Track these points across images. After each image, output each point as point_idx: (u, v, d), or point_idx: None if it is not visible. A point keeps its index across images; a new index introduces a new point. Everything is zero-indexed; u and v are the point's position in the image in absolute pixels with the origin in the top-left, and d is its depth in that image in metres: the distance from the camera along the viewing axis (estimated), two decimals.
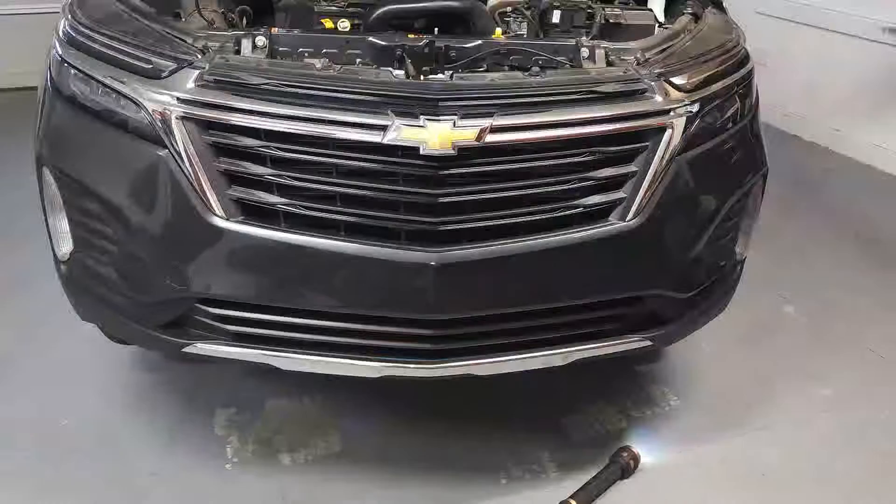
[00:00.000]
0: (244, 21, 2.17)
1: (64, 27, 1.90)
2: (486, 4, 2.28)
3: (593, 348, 1.91)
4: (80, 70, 1.80)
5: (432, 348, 1.80)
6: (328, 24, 2.20)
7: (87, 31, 1.83)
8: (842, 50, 4.63)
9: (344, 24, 2.19)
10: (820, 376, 2.62)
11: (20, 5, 4.99)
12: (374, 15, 2.13)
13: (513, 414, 2.38)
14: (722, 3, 2.37)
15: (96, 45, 1.80)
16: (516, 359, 1.86)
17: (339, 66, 1.74)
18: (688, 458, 2.24)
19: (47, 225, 1.97)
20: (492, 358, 1.85)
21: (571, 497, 2.02)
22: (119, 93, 1.73)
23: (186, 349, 1.85)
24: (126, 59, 1.74)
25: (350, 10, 2.28)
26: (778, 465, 2.23)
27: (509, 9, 2.27)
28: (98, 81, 1.76)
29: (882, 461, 2.26)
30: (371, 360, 1.82)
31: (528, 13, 2.26)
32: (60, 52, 1.87)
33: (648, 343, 1.97)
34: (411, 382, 1.90)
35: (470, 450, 2.22)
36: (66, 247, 1.95)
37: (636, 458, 2.16)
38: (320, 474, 2.13)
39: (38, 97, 1.98)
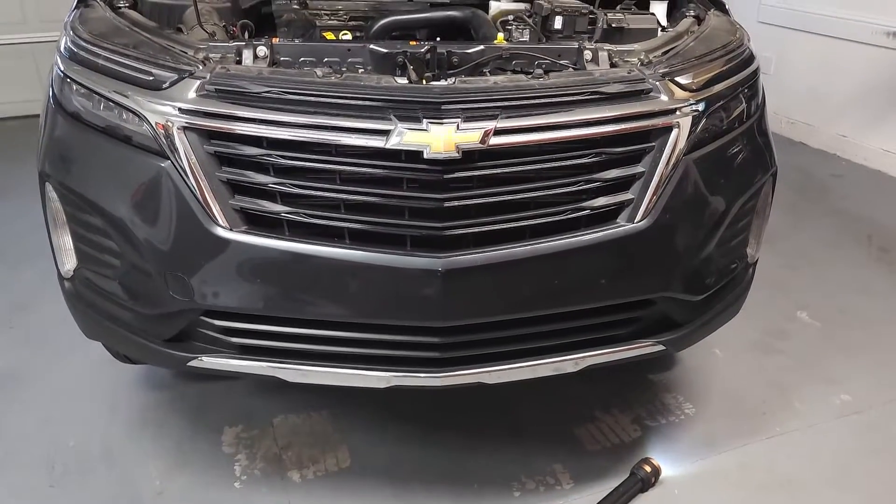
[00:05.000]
0: (246, 35, 2.17)
1: (66, 43, 1.90)
2: (487, 13, 2.28)
3: (605, 353, 1.88)
4: (81, 84, 1.80)
5: (441, 356, 1.77)
6: (330, 37, 2.20)
7: (88, 46, 1.83)
8: (846, 56, 4.62)
9: (346, 37, 2.19)
10: (837, 381, 2.57)
11: (24, 34, 5.06)
12: (376, 27, 2.15)
13: (525, 425, 2.34)
14: (724, 6, 2.35)
15: (97, 59, 1.79)
16: (527, 366, 1.82)
17: (340, 74, 1.73)
18: (706, 466, 2.19)
19: (51, 242, 1.95)
20: (502, 365, 1.81)
21: None
22: (121, 105, 1.72)
23: (192, 363, 1.82)
24: (127, 71, 1.73)
25: (352, 23, 2.29)
26: (797, 470, 2.18)
27: (511, 16, 2.27)
28: (100, 95, 1.76)
29: None
30: (379, 371, 1.78)
31: (530, 20, 2.26)
32: (62, 68, 1.86)
33: (661, 347, 1.93)
34: (421, 393, 1.86)
35: (481, 462, 2.18)
36: (69, 263, 1.93)
37: (657, 471, 2.11)
38: (330, 490, 2.09)
39: (41, 115, 1.97)
